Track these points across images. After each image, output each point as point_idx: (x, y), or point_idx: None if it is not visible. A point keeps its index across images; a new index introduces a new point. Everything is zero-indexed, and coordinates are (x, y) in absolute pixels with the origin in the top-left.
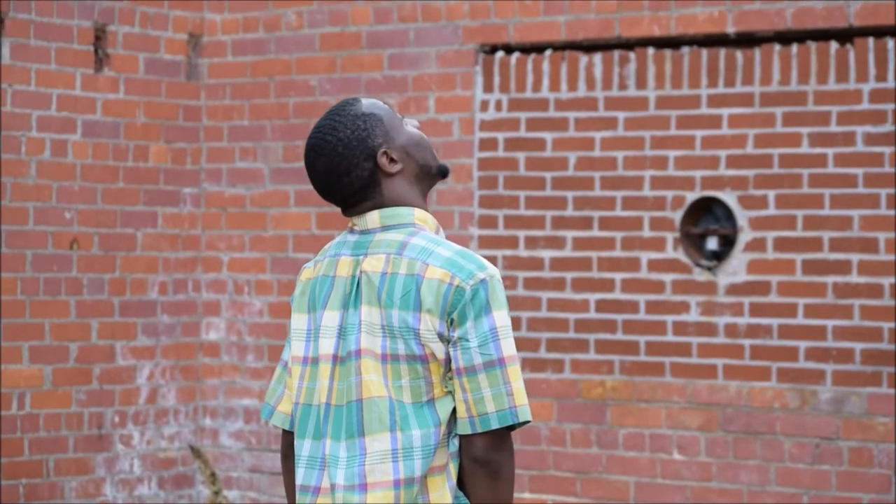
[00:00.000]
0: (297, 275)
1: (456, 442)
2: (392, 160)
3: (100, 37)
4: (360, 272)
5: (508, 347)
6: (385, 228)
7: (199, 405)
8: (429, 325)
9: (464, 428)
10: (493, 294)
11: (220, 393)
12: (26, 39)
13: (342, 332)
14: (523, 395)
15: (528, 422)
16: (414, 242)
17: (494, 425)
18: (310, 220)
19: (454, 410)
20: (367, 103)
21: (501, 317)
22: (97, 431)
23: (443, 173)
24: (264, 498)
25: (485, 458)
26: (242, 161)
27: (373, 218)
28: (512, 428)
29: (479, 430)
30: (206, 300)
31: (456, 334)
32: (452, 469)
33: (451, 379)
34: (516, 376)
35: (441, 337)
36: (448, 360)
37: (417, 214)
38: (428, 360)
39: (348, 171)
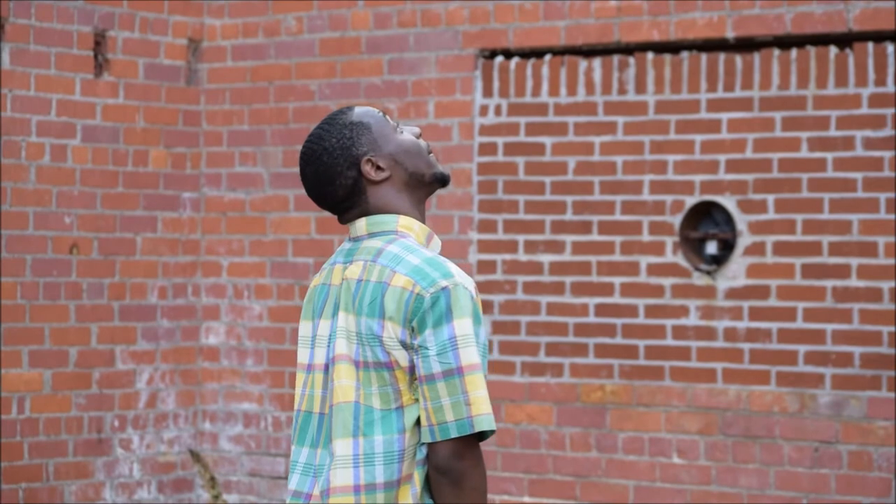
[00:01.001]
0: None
1: (424, 450)
2: (379, 168)
3: (99, 42)
4: (343, 279)
5: (469, 356)
6: (371, 235)
7: (199, 409)
8: (391, 332)
9: (425, 436)
10: (454, 302)
11: (219, 397)
12: (26, 44)
13: (330, 340)
14: (483, 405)
15: (492, 431)
16: (388, 249)
17: (453, 434)
18: (309, 224)
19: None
20: (359, 112)
21: (463, 325)
22: (97, 435)
23: (440, 181)
24: (264, 501)
25: (446, 467)
26: (242, 166)
27: (360, 225)
28: (482, 437)
29: (439, 438)
30: (205, 304)
31: (417, 342)
32: (417, 476)
33: (417, 387)
34: (475, 385)
35: (403, 344)
36: (412, 368)
37: (401, 222)
38: (393, 368)
39: (332, 179)
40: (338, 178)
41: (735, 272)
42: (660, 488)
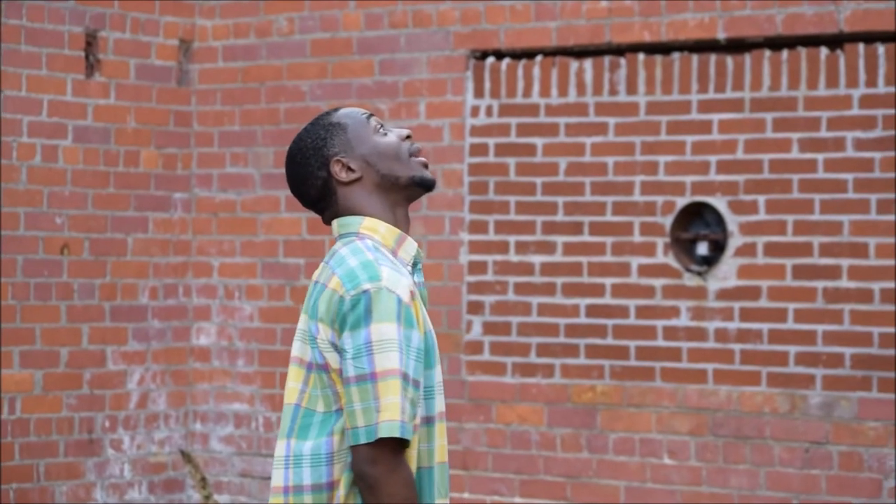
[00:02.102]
0: None
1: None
2: (349, 169)
3: (91, 42)
4: (313, 280)
5: (384, 362)
6: (339, 237)
7: (190, 410)
8: (322, 334)
9: (346, 439)
10: (375, 306)
11: (210, 398)
12: (17, 45)
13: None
14: (393, 411)
15: (404, 440)
16: (340, 251)
17: (362, 439)
18: (300, 225)
19: None
20: (341, 113)
21: (382, 330)
22: (88, 436)
23: (419, 184)
24: (255, 502)
25: (360, 472)
26: (233, 166)
27: (333, 227)
28: (403, 444)
29: (352, 442)
30: (196, 305)
31: (339, 344)
32: (344, 480)
33: None
34: (388, 391)
35: (334, 347)
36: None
37: (365, 223)
38: (328, 370)
39: (305, 178)
40: (309, 178)
41: (726, 273)
42: (650, 489)
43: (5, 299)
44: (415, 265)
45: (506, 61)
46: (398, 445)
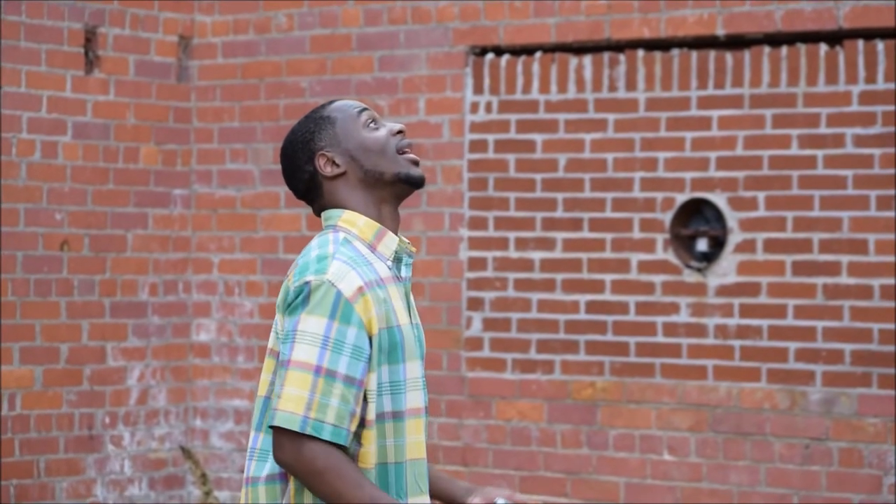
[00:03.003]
0: None
1: None
2: (334, 164)
3: (90, 39)
4: None
5: (302, 353)
6: (323, 230)
7: (190, 406)
8: (279, 324)
9: None
10: (311, 298)
11: (210, 394)
12: (17, 41)
13: None
14: (292, 403)
15: (296, 432)
16: (310, 243)
17: (270, 422)
18: (300, 221)
19: None
20: (333, 106)
21: (311, 322)
22: (88, 432)
23: (405, 181)
24: None
25: (274, 457)
26: (233, 162)
27: (321, 220)
28: (315, 438)
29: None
30: (196, 301)
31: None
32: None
33: None
34: (292, 382)
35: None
36: None
37: (345, 216)
38: None
39: (294, 172)
40: (298, 172)
41: (726, 269)
42: (650, 485)
43: (5, 295)
44: (399, 260)
45: (505, 58)
46: (308, 440)
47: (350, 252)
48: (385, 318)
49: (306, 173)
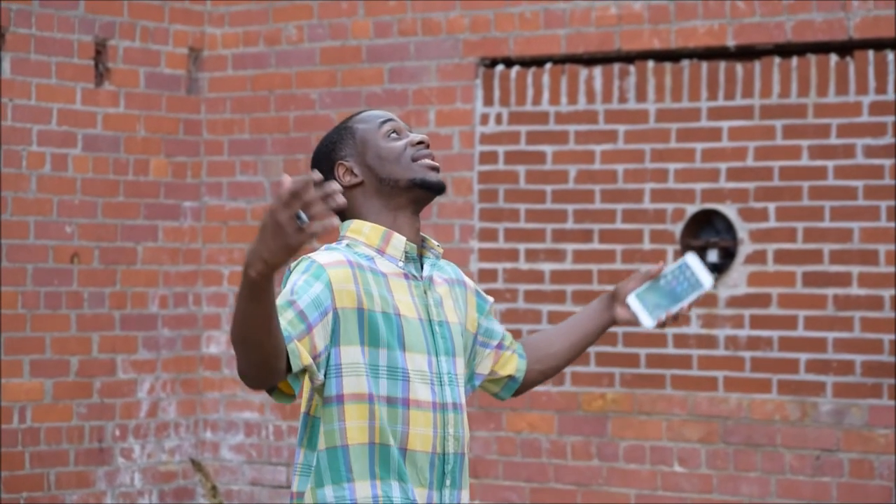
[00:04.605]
0: None
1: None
2: (352, 173)
3: (100, 51)
4: None
5: (285, 294)
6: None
7: (200, 418)
8: None
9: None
10: (296, 269)
11: (220, 406)
12: (27, 54)
13: None
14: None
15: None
16: None
17: None
18: None
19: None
20: (358, 117)
21: (291, 279)
22: (98, 445)
23: (421, 186)
24: None
25: None
26: (243, 175)
27: None
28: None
29: None
30: (206, 314)
31: None
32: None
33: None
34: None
35: None
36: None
37: (352, 226)
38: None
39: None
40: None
41: (736, 280)
42: (661, 496)
43: (15, 308)
44: (413, 260)
45: (515, 69)
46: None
47: (343, 248)
48: (366, 300)
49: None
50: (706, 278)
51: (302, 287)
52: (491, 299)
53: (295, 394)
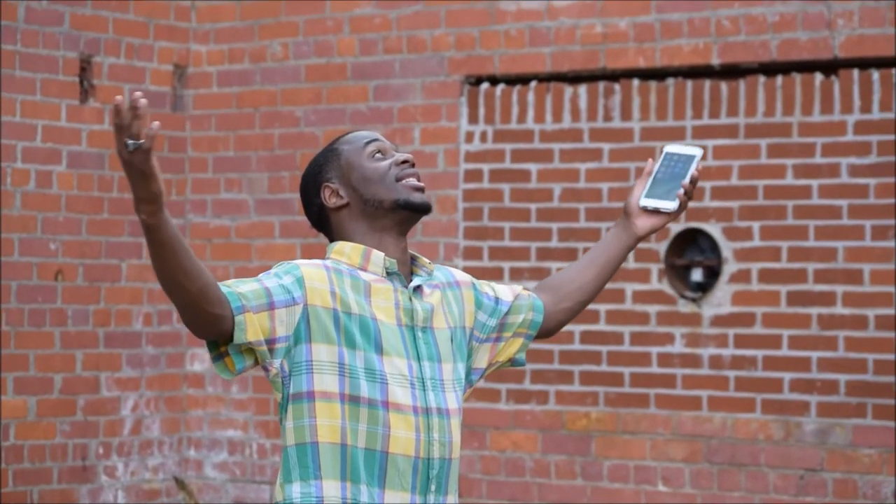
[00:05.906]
0: None
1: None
2: (338, 195)
3: (85, 68)
4: None
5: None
6: None
7: (184, 436)
8: None
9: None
10: (277, 266)
11: (204, 424)
12: (11, 70)
13: None
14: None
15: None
16: None
17: None
18: (295, 251)
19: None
20: (343, 138)
21: (269, 272)
22: (81, 463)
23: (405, 207)
24: None
25: None
26: (227, 192)
27: None
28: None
29: None
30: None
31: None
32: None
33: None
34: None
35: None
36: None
37: (335, 248)
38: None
39: (306, 205)
40: (309, 205)
41: (720, 299)
42: None
43: None
44: (392, 274)
45: (500, 87)
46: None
47: (326, 261)
48: (340, 302)
49: (315, 206)
50: (694, 149)
51: (274, 276)
52: (484, 284)
53: (236, 371)
